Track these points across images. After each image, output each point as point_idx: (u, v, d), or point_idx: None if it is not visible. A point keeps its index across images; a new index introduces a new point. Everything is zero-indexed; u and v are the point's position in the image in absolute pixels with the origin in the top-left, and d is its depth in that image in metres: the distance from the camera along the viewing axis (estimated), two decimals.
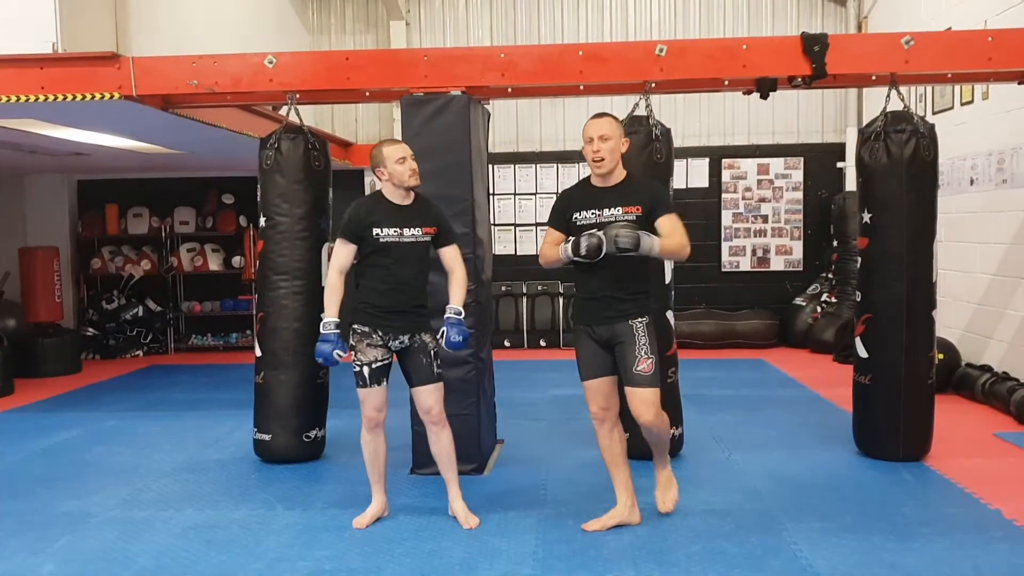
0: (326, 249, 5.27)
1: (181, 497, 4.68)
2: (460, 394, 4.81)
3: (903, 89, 5.05)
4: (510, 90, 5.20)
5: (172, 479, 5.02)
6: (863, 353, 5.03)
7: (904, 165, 4.83)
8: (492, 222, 8.94)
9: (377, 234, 3.99)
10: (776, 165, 10.07)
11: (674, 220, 3.83)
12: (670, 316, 5.03)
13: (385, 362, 4.06)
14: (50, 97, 5.08)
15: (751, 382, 7.73)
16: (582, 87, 5.18)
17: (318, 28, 10.45)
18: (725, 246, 10.14)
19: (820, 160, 9.99)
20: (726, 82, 5.18)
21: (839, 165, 9.82)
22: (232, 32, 7.69)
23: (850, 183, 9.30)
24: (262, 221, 5.19)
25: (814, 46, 4.84)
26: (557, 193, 9.85)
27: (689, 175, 10.03)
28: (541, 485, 4.72)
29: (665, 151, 4.93)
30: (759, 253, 10.14)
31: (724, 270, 10.15)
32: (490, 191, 7.83)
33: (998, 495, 4.37)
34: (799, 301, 9.80)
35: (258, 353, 5.22)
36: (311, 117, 8.56)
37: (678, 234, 3.79)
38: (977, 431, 5.73)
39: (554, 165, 10.20)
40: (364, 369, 4.03)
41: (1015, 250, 6.58)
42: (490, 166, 6.33)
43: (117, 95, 5.04)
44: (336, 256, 4.07)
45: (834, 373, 7.94)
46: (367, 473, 4.20)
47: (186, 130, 6.31)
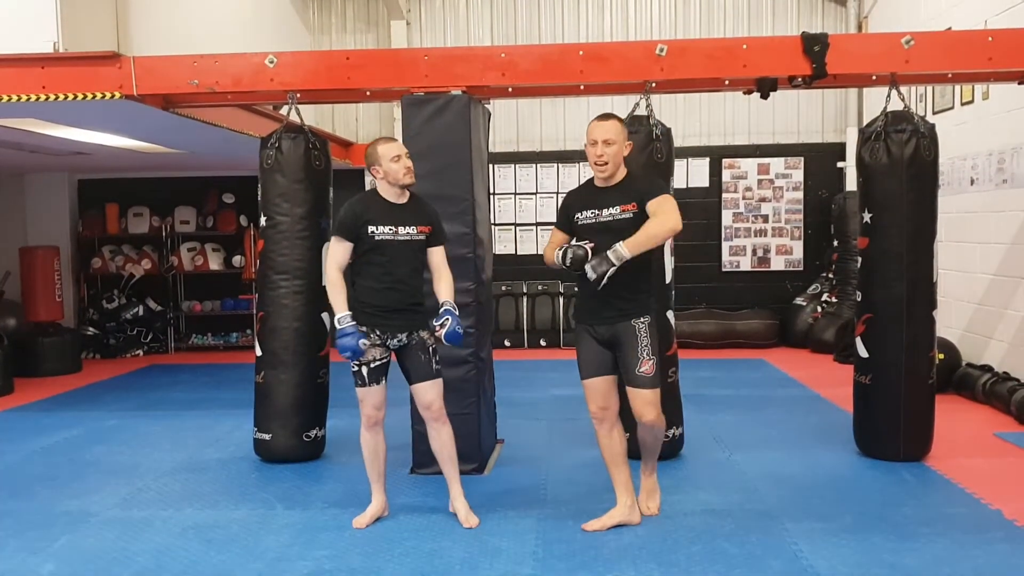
0: (326, 249, 5.25)
1: (181, 496, 4.68)
2: (460, 394, 4.81)
3: (903, 89, 5.05)
4: (511, 90, 5.20)
5: (172, 478, 5.03)
6: (863, 353, 5.02)
7: (904, 165, 4.82)
8: (492, 222, 8.95)
9: (372, 232, 3.99)
10: (776, 165, 10.07)
11: (661, 201, 3.78)
12: (670, 316, 5.03)
13: (383, 361, 4.06)
14: (51, 96, 5.08)
15: (751, 382, 7.72)
16: (583, 87, 5.18)
17: (319, 28, 10.45)
18: (725, 246, 10.14)
19: (820, 160, 9.99)
20: (726, 82, 5.18)
21: (839, 165, 9.83)
22: (233, 32, 7.69)
23: (850, 183, 9.30)
24: (263, 220, 5.19)
25: (814, 46, 4.84)
26: (557, 193, 10.18)
27: (689, 175, 10.03)
28: (541, 485, 4.72)
29: (665, 151, 4.93)
30: (759, 253, 10.13)
31: (724, 270, 10.15)
32: (490, 191, 7.83)
33: (999, 495, 4.37)
34: (799, 301, 9.80)
35: (258, 352, 5.22)
36: (312, 117, 8.56)
37: (660, 216, 3.73)
38: (978, 431, 5.73)
39: (554, 165, 10.19)
40: (363, 368, 4.03)
41: (1015, 250, 6.57)
42: (490, 166, 6.32)
43: (118, 95, 5.05)
44: (333, 254, 4.06)
45: (834, 373, 7.94)
46: (367, 472, 4.20)
47: (187, 130, 6.31)
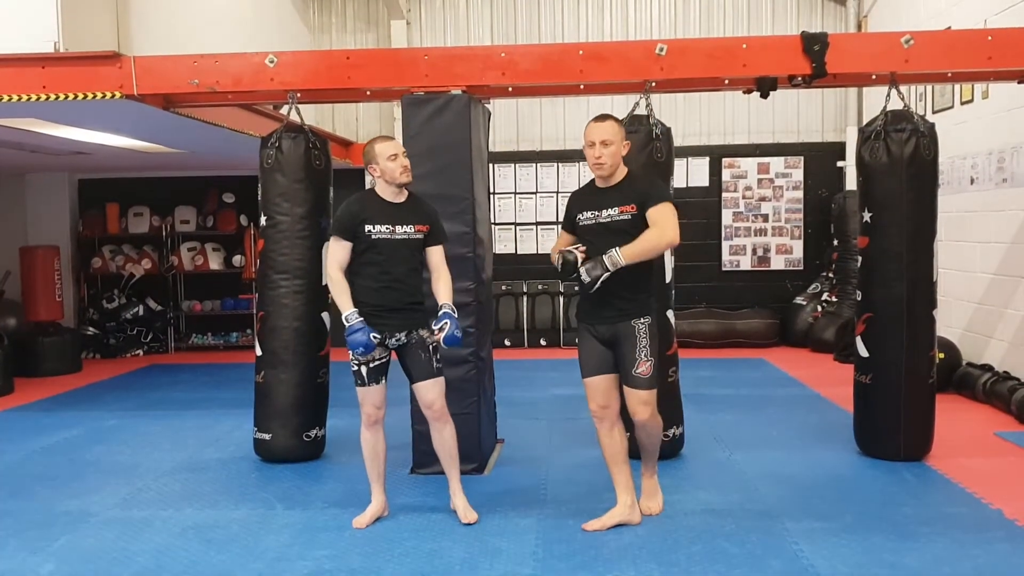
0: (327, 248, 5.25)
1: (181, 496, 4.68)
2: (461, 393, 4.80)
3: (903, 88, 5.05)
4: (511, 89, 5.20)
5: (172, 478, 5.03)
6: (864, 352, 5.02)
7: (904, 164, 4.82)
8: (492, 221, 8.95)
9: (369, 231, 4.00)
10: (776, 164, 10.07)
11: (661, 209, 3.78)
12: (671, 315, 5.03)
13: (383, 360, 4.06)
14: (51, 96, 5.08)
15: (751, 381, 7.72)
16: (582, 86, 5.18)
17: (319, 27, 10.45)
18: (725, 245, 10.13)
19: (820, 159, 9.99)
20: (726, 81, 5.18)
21: (839, 164, 9.82)
22: (233, 31, 7.68)
23: (850, 182, 9.30)
24: (263, 220, 5.19)
25: (814, 45, 4.83)
26: (557, 192, 10.18)
27: (689, 174, 10.02)
28: (541, 485, 4.71)
29: (665, 150, 4.93)
30: (759, 252, 10.13)
31: (724, 269, 10.15)
32: (490, 190, 7.83)
33: (999, 495, 4.37)
34: (799, 300, 9.80)
35: (258, 352, 5.22)
36: (312, 116, 8.55)
37: (659, 225, 3.75)
38: (978, 431, 5.73)
39: (555, 164, 10.19)
40: (362, 368, 4.03)
41: (1015, 249, 6.57)
42: (490, 165, 6.32)
43: (118, 94, 5.04)
44: (332, 254, 4.07)
45: (835, 372, 7.94)
46: (367, 472, 4.20)
47: (187, 129, 6.31)
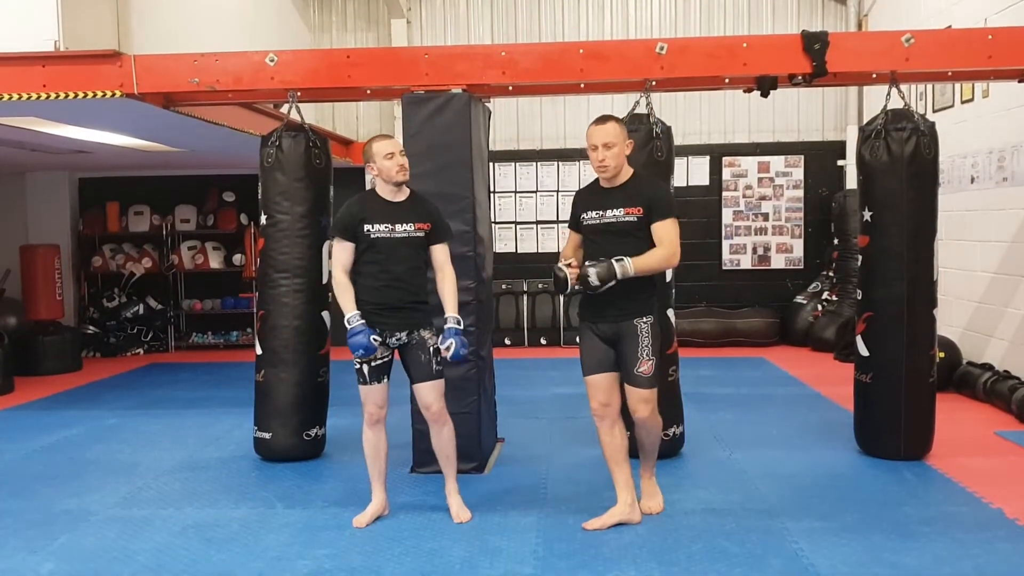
0: (327, 247, 5.27)
1: (181, 495, 4.68)
2: (461, 392, 4.80)
3: (903, 87, 5.05)
4: (511, 88, 5.20)
5: (172, 477, 5.02)
6: (864, 351, 5.02)
7: (905, 163, 4.82)
8: (493, 220, 8.95)
9: (368, 230, 4.01)
10: (777, 163, 10.06)
11: (667, 227, 3.84)
12: (671, 314, 5.03)
13: (385, 359, 4.07)
14: (52, 95, 5.08)
15: (752, 380, 7.72)
16: (583, 85, 5.18)
17: (319, 26, 10.44)
18: (726, 244, 10.13)
19: (821, 158, 9.98)
20: (727, 80, 5.18)
21: (840, 163, 9.82)
22: (233, 30, 7.68)
23: (851, 181, 9.29)
24: (263, 219, 5.19)
25: (814, 44, 4.83)
26: (558, 191, 10.18)
27: (690, 173, 10.02)
28: (542, 484, 4.71)
29: (665, 149, 4.93)
30: (760, 251, 10.13)
31: (725, 268, 10.14)
32: (491, 189, 7.83)
33: (1000, 494, 4.37)
34: (800, 299, 9.80)
35: (258, 351, 5.22)
36: (312, 115, 8.56)
37: (665, 244, 3.82)
38: (978, 430, 5.73)
39: (555, 163, 10.19)
40: (364, 366, 4.04)
41: (1016, 248, 6.57)
42: (491, 164, 6.32)
43: (119, 93, 5.04)
44: (336, 256, 4.09)
45: (835, 371, 7.94)
46: (368, 471, 4.20)
47: (187, 128, 6.31)
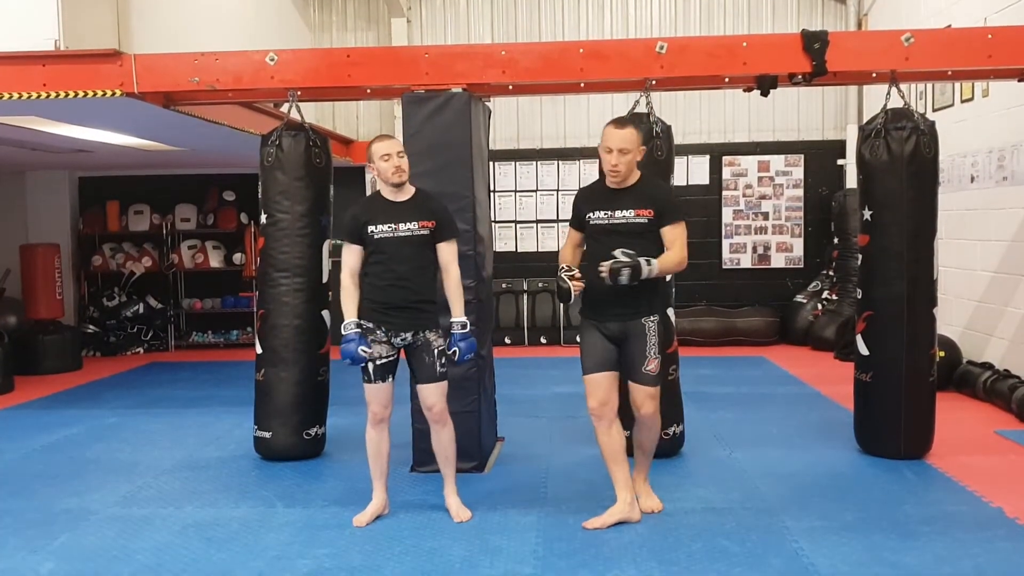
0: (327, 246, 5.28)
1: (181, 494, 4.68)
2: (461, 391, 4.80)
3: (903, 86, 5.05)
4: (511, 87, 5.20)
5: (172, 476, 5.03)
6: (864, 350, 5.02)
7: (904, 162, 4.82)
8: (493, 219, 8.95)
9: (372, 231, 4.03)
10: (777, 162, 10.06)
11: (678, 231, 3.93)
12: (671, 313, 5.03)
13: (390, 359, 4.08)
14: (52, 94, 5.07)
15: (752, 379, 7.72)
16: (583, 84, 5.18)
17: (319, 25, 10.44)
18: (726, 243, 10.13)
19: (821, 157, 9.98)
20: (726, 79, 5.18)
21: (840, 162, 9.82)
22: (234, 29, 7.68)
23: (851, 180, 9.29)
24: (263, 218, 5.19)
25: (814, 43, 4.83)
26: (558, 190, 10.18)
27: (690, 172, 10.02)
28: (542, 483, 4.71)
29: (666, 148, 4.93)
30: (760, 250, 10.13)
31: (725, 267, 10.15)
32: (491, 188, 7.83)
33: (1000, 493, 4.37)
34: (800, 298, 9.80)
35: (259, 350, 5.22)
36: (312, 114, 8.55)
37: (678, 247, 3.91)
38: (978, 429, 5.73)
39: (555, 162, 10.19)
40: (369, 365, 4.05)
41: (1016, 247, 6.57)
42: (491, 163, 6.32)
43: (119, 92, 5.04)
44: (344, 259, 4.13)
45: (835, 370, 7.94)
46: (369, 469, 4.20)
47: (187, 127, 6.31)
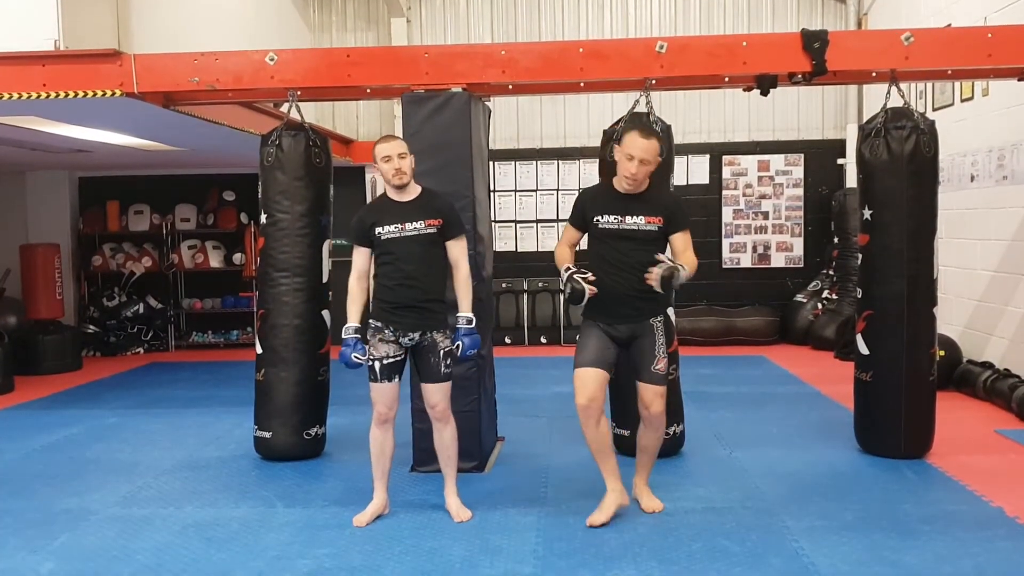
0: (327, 246, 5.28)
1: (181, 494, 4.68)
2: (461, 391, 4.80)
3: (903, 86, 5.05)
4: (511, 87, 5.20)
5: (172, 476, 5.03)
6: (864, 350, 5.02)
7: (904, 161, 4.82)
8: (493, 219, 8.94)
9: (379, 232, 4.06)
10: (777, 162, 10.06)
11: (688, 238, 4.04)
12: (671, 313, 5.02)
13: (397, 359, 4.09)
14: (52, 94, 5.07)
15: (752, 379, 7.72)
16: (583, 84, 5.18)
17: (319, 26, 10.44)
18: (726, 243, 10.13)
19: (821, 157, 9.98)
20: (726, 79, 5.18)
21: (840, 162, 9.81)
22: (234, 29, 7.68)
23: (851, 180, 9.29)
24: (263, 218, 5.19)
25: (814, 43, 4.83)
26: (558, 190, 10.18)
27: (690, 172, 10.02)
28: (542, 483, 4.72)
29: (665, 148, 4.92)
30: (760, 250, 10.13)
31: (725, 267, 10.14)
32: (491, 188, 7.82)
33: (1000, 492, 4.37)
34: (800, 298, 9.79)
35: (259, 350, 5.22)
36: (312, 114, 8.55)
37: (691, 253, 4.00)
38: (978, 428, 5.73)
39: (555, 162, 10.19)
40: (375, 364, 4.06)
41: (1016, 247, 6.57)
42: (491, 163, 6.32)
43: (119, 92, 5.04)
44: (353, 262, 4.15)
45: (835, 370, 7.94)
46: (372, 468, 4.20)
47: (187, 127, 6.30)
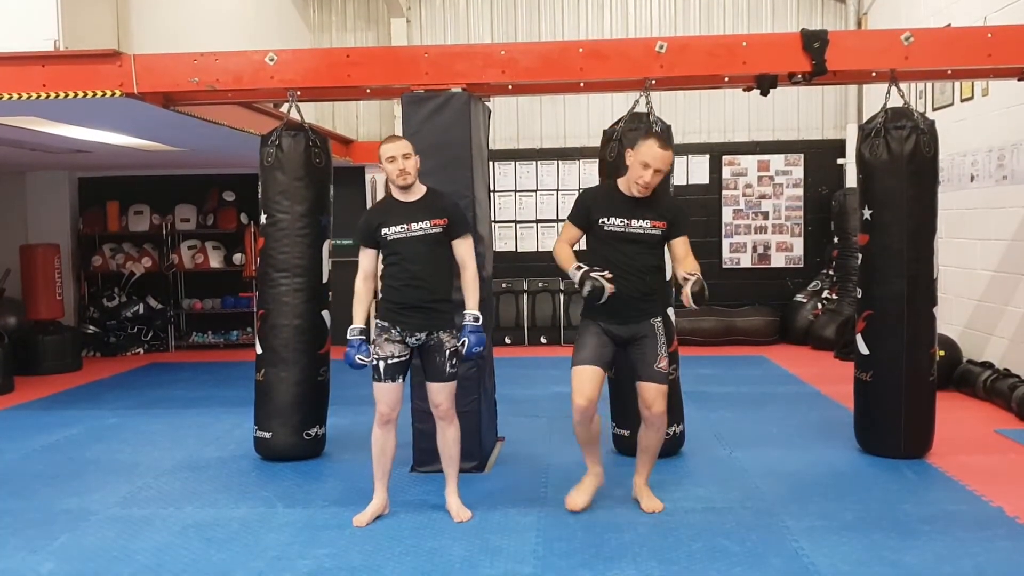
0: (327, 246, 5.28)
1: (181, 495, 4.68)
2: (462, 391, 4.76)
3: (903, 85, 5.04)
4: (511, 87, 5.20)
5: (172, 477, 5.03)
6: (864, 350, 5.02)
7: (904, 161, 4.82)
8: (493, 219, 8.94)
9: (385, 233, 4.08)
10: (776, 162, 10.06)
11: (687, 243, 4.14)
12: (671, 313, 5.03)
13: (402, 359, 4.09)
14: (52, 95, 5.07)
15: (752, 379, 7.72)
16: (583, 84, 5.18)
17: (319, 26, 10.44)
18: (726, 243, 10.13)
19: (820, 156, 9.98)
20: (726, 79, 5.17)
21: (839, 161, 9.81)
22: (233, 30, 7.68)
23: (850, 179, 9.29)
24: (263, 218, 5.19)
25: (814, 43, 4.83)
26: (558, 190, 10.18)
27: (690, 172, 10.02)
28: (542, 483, 4.72)
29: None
30: (760, 250, 10.13)
31: (725, 267, 10.15)
32: (491, 188, 7.83)
33: (1000, 492, 4.37)
34: (800, 298, 9.80)
35: (258, 350, 5.22)
36: (312, 114, 8.56)
37: (692, 258, 4.08)
38: (978, 428, 5.73)
39: (555, 162, 10.19)
40: (380, 363, 4.07)
41: (1016, 246, 6.57)
42: (491, 163, 6.32)
43: (118, 92, 5.04)
44: (360, 263, 4.17)
45: (835, 370, 7.94)
46: (372, 468, 4.19)
47: (187, 127, 6.31)
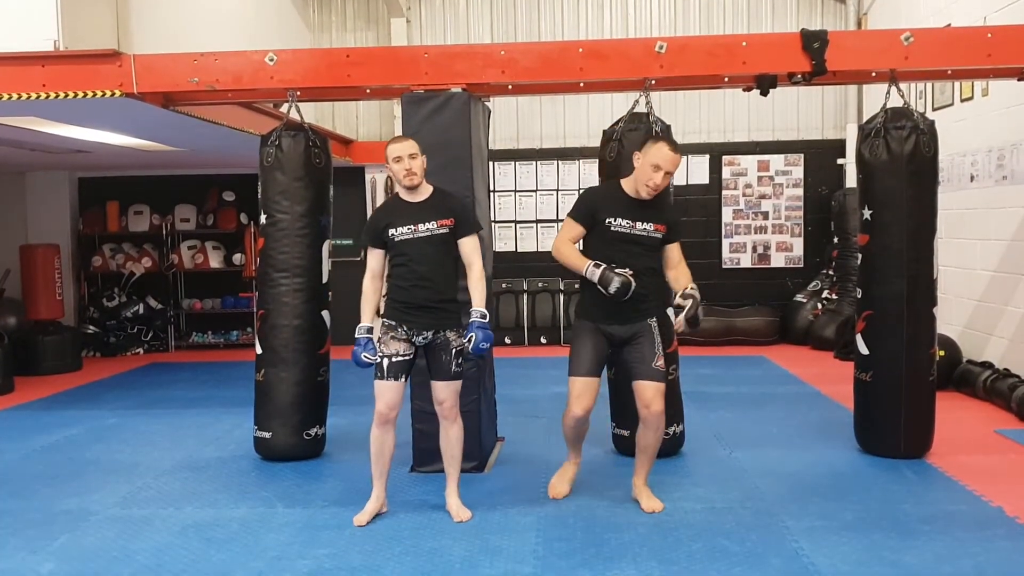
0: (327, 246, 5.28)
1: (181, 495, 4.68)
2: (462, 391, 4.78)
3: (903, 85, 5.04)
4: (510, 87, 5.20)
5: (172, 477, 5.03)
6: (864, 350, 5.02)
7: (904, 161, 4.82)
8: (493, 219, 8.95)
9: (392, 234, 4.09)
10: (776, 162, 10.06)
11: (680, 250, 4.26)
12: (670, 313, 5.02)
13: (406, 358, 4.10)
14: (51, 95, 5.07)
15: (752, 379, 7.72)
16: (582, 84, 5.18)
17: (319, 26, 10.44)
18: (726, 243, 10.13)
19: (820, 157, 9.98)
20: (726, 79, 5.18)
21: (839, 161, 9.81)
22: (233, 30, 7.68)
23: (850, 180, 9.29)
24: (263, 218, 5.19)
25: (814, 43, 4.83)
26: (557, 190, 10.18)
27: (689, 172, 10.02)
28: (542, 483, 4.70)
29: None
30: (760, 250, 10.13)
31: (725, 267, 10.14)
32: (491, 188, 7.82)
33: (1000, 492, 4.37)
34: (800, 298, 9.80)
35: (258, 350, 5.22)
36: (312, 114, 8.56)
37: (685, 264, 4.25)
38: (978, 428, 5.73)
39: (555, 162, 10.19)
40: (384, 361, 4.07)
41: (1016, 246, 6.57)
42: (490, 163, 6.32)
43: (118, 92, 5.04)
44: (367, 263, 4.18)
45: (835, 370, 7.94)
46: (371, 467, 4.19)
47: (187, 127, 6.31)
